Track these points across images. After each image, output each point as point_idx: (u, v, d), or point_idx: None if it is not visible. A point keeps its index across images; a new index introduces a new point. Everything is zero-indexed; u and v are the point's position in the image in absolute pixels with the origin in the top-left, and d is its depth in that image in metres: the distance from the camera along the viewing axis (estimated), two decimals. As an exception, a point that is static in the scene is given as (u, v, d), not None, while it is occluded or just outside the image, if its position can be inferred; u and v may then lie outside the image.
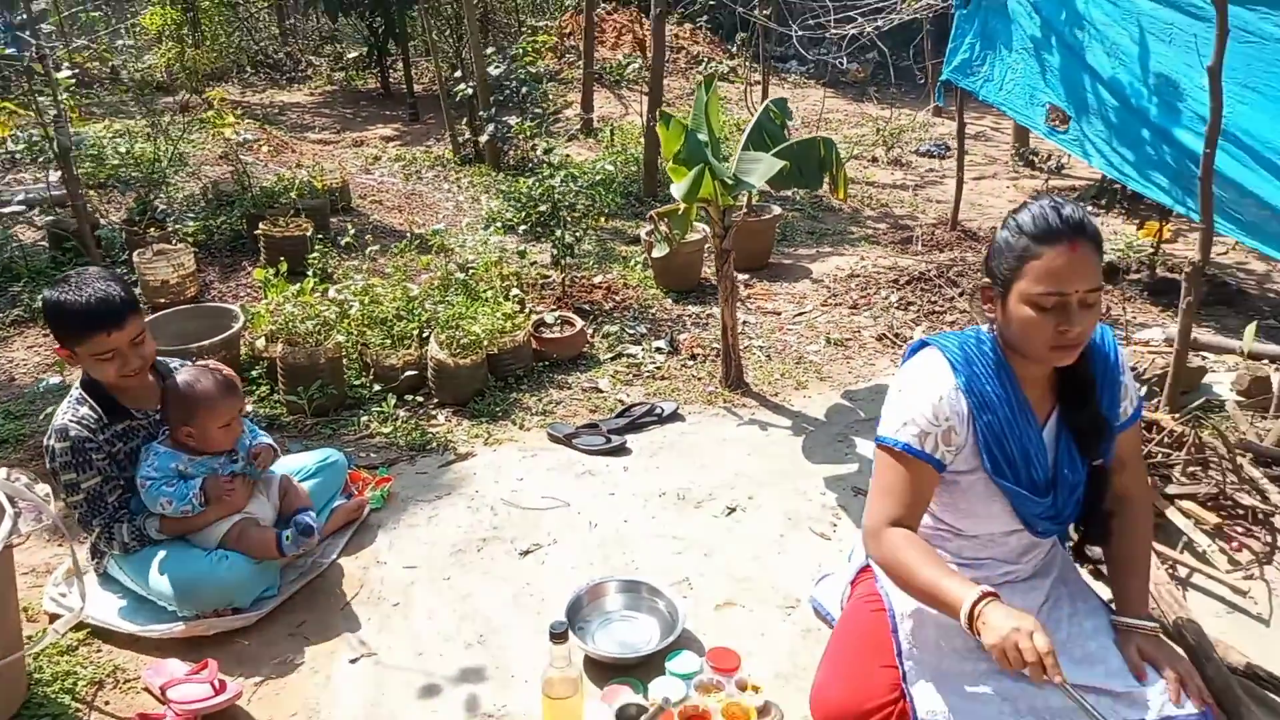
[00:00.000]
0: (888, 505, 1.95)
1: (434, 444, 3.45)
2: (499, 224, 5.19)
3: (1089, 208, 6.15)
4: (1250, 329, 3.37)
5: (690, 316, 4.62)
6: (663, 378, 4.03)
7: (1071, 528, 2.13)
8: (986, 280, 1.93)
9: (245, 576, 2.48)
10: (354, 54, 10.79)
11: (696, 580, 2.70)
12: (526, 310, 4.19)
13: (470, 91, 6.87)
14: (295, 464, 2.86)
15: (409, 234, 5.68)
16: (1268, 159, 3.89)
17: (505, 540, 2.90)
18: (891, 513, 1.94)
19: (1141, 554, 2.07)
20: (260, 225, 5.07)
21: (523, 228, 5.22)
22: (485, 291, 4.11)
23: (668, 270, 4.91)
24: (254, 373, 3.74)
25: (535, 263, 5.10)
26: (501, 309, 3.97)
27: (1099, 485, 2.01)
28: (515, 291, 4.17)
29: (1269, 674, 2.21)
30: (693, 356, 4.20)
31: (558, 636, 2.00)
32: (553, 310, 4.30)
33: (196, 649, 2.41)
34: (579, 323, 4.19)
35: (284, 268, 4.09)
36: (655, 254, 3.83)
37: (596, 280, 4.99)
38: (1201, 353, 3.88)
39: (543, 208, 4.67)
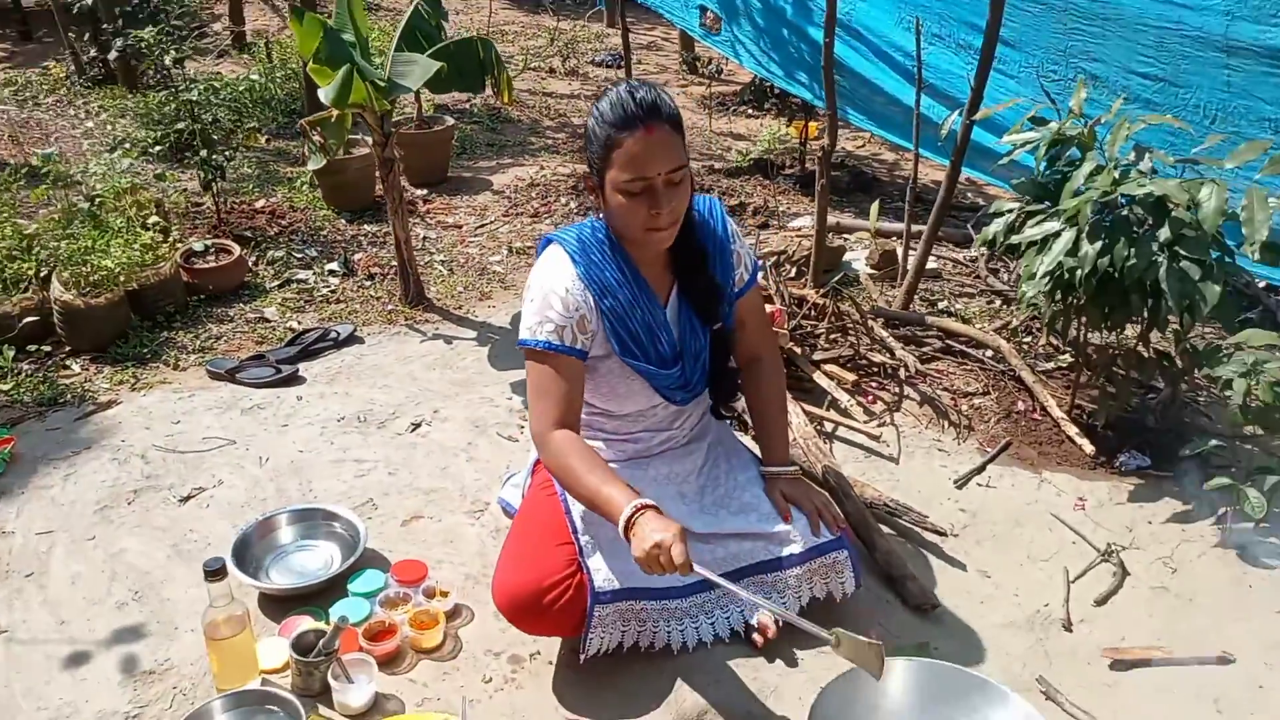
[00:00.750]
0: (547, 408, 1.98)
1: (69, 396, 3.05)
2: (129, 146, 4.60)
3: (745, 107, 6.55)
4: (874, 207, 3.75)
5: (366, 236, 4.40)
6: (338, 301, 3.82)
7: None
8: (588, 171, 1.98)
9: None
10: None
11: (381, 500, 2.62)
12: (171, 240, 3.78)
13: (90, 1, 5.98)
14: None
15: (22, 165, 4.91)
16: (886, 53, 4.31)
17: (162, 489, 2.64)
18: (551, 415, 1.97)
19: (775, 408, 2.26)
20: None
21: (158, 148, 4.68)
22: (117, 222, 3.64)
23: (338, 189, 4.63)
24: None
25: (185, 190, 4.61)
26: (140, 240, 3.55)
27: (722, 350, 2.17)
28: (155, 219, 3.73)
29: (896, 503, 2.52)
30: (370, 276, 4.01)
31: (213, 574, 1.85)
32: (205, 239, 3.91)
33: None
34: (237, 250, 3.85)
35: None
36: (311, 166, 3.58)
37: (258, 205, 4.60)
38: (842, 235, 4.28)
39: (181, 126, 4.19)
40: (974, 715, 1.73)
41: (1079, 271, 2.48)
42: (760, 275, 3.57)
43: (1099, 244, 2.43)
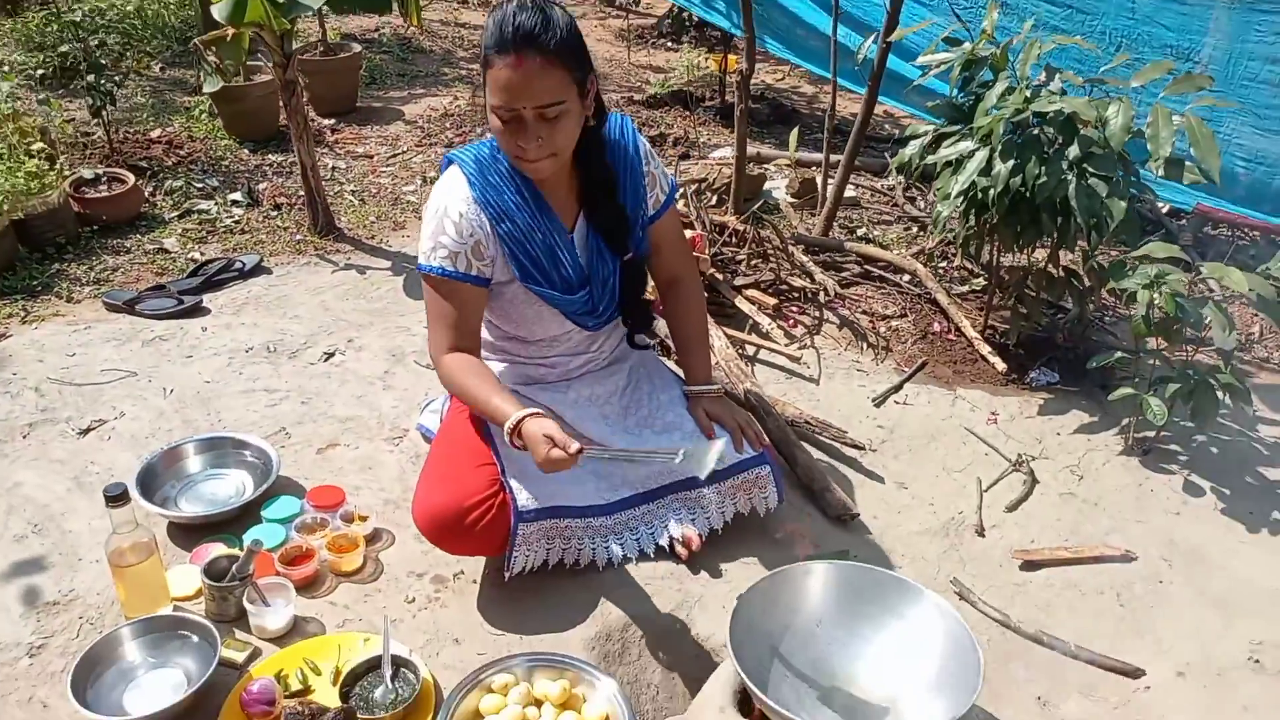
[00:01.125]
0: (441, 334, 1.94)
1: (-49, 331, 2.87)
2: (9, 70, 4.30)
3: (665, 41, 6.45)
4: (793, 135, 3.75)
5: (271, 166, 4.22)
6: (243, 231, 3.66)
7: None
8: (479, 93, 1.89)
9: None
10: None
11: (294, 429, 2.54)
12: (59, 168, 3.55)
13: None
14: None
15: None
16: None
17: (59, 421, 2.51)
18: (445, 341, 1.94)
19: (696, 329, 2.24)
20: None
21: (41, 73, 4.39)
22: (-2, 148, 3.41)
23: (239, 117, 4.42)
24: None
25: (73, 120, 4.34)
26: (24, 167, 3.33)
27: (634, 278, 2.10)
28: (39, 146, 3.51)
29: (817, 420, 2.55)
30: (276, 207, 3.85)
31: (115, 500, 1.76)
32: (97, 167, 3.69)
33: None
34: (131, 179, 3.65)
35: None
36: (207, 89, 3.39)
37: (154, 135, 4.36)
38: (762, 164, 4.27)
39: (65, 49, 3.93)
40: (889, 610, 1.77)
41: (992, 191, 2.52)
42: (681, 203, 3.55)
43: (1011, 163, 2.47)
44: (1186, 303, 2.28)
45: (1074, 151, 2.44)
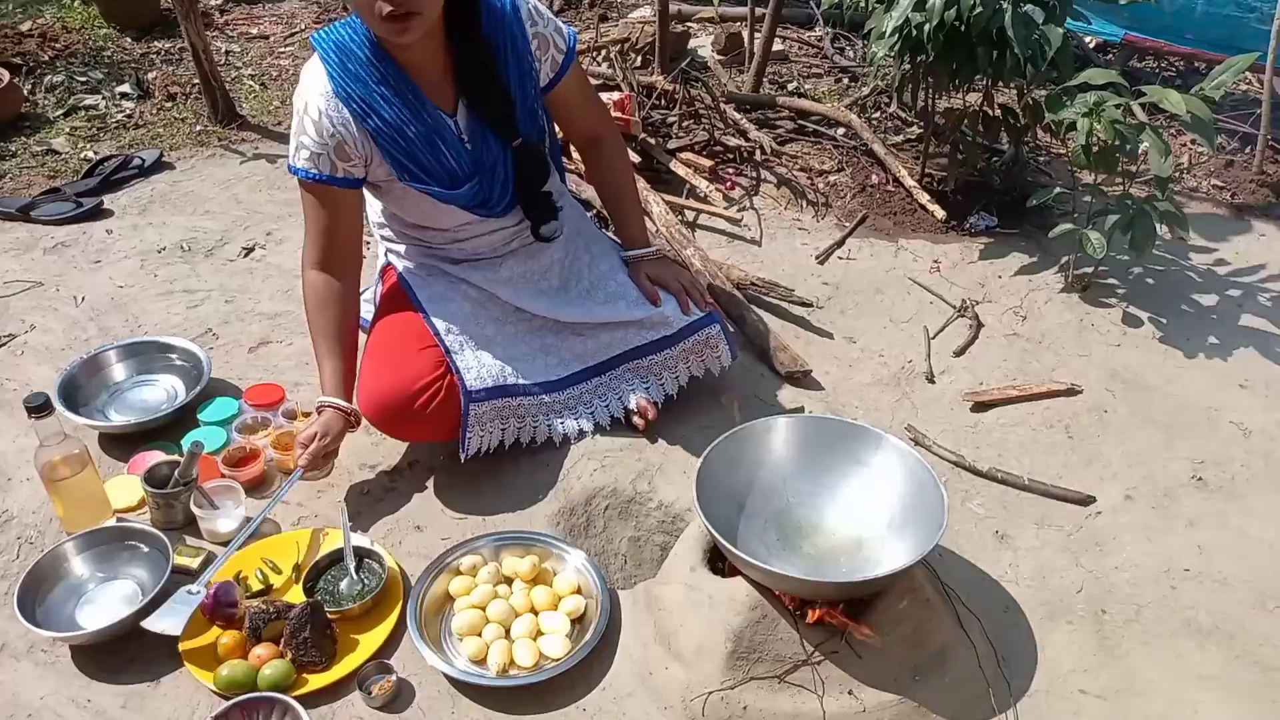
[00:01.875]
0: (310, 243, 1.86)
1: None
2: None
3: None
4: (718, -14, 3.58)
5: (158, 53, 3.91)
6: (137, 126, 3.41)
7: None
8: None
9: None
10: None
11: (221, 329, 2.41)
12: (-79, 66, 3.23)
13: None
14: None
15: None
16: None
17: (-38, 340, 2.35)
18: (311, 253, 1.86)
19: (626, 188, 2.13)
20: None
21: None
22: None
23: (116, 3, 4.06)
24: None
25: (-72, 14, 3.94)
26: (-121, 66, 3.01)
27: (528, 166, 1.90)
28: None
29: (760, 279, 2.52)
30: (170, 97, 3.58)
31: (37, 410, 1.65)
32: (-36, 64, 3.37)
33: None
34: (6, 76, 3.34)
35: None
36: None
37: (24, 28, 3.99)
38: (684, 22, 4.10)
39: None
40: (850, 458, 1.77)
41: (926, 27, 2.44)
42: (606, 64, 3.40)
43: (947, -4, 2.38)
44: (1125, 129, 2.26)
45: (1010, -18, 2.36)
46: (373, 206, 2.06)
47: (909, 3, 2.41)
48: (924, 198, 2.88)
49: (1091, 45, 3.73)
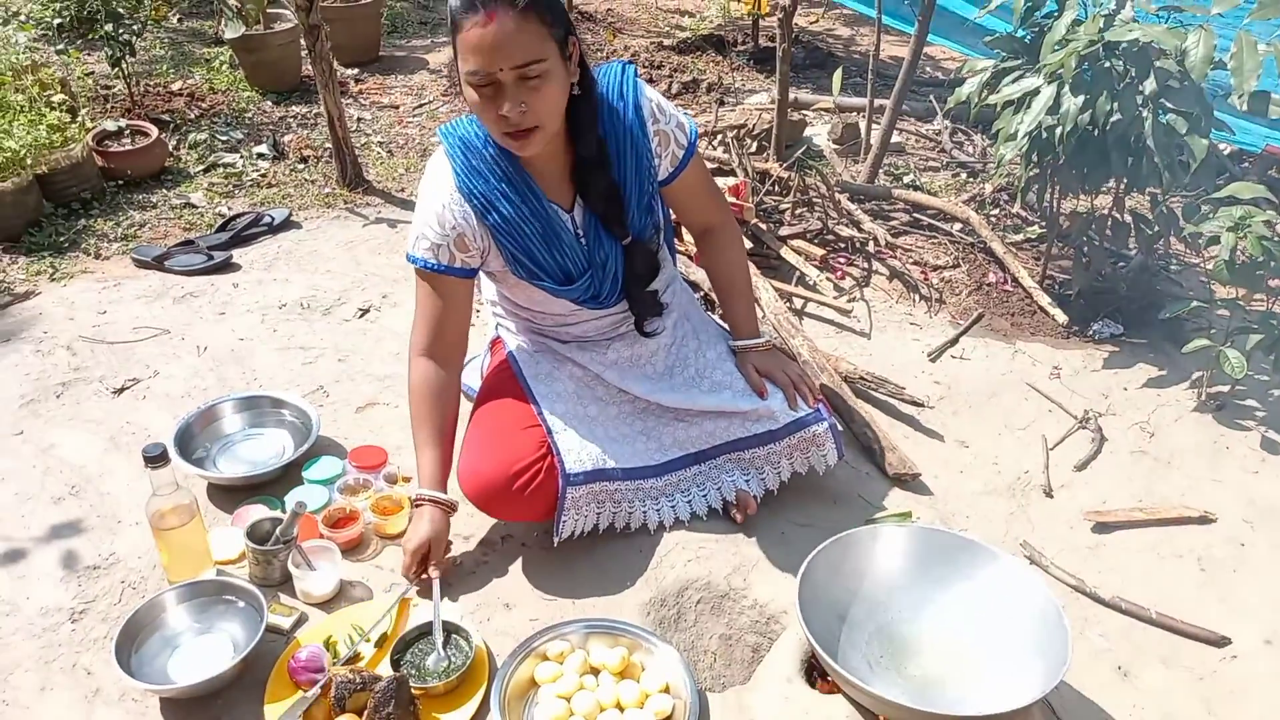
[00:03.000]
0: (420, 330, 1.88)
1: (-20, 288, 2.81)
2: (25, 19, 4.20)
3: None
4: (836, 75, 3.57)
5: (295, 118, 4.11)
6: (270, 185, 3.56)
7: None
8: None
9: None
10: None
11: (332, 387, 2.46)
12: (80, 120, 3.46)
13: None
14: None
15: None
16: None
17: (92, 380, 2.45)
18: (420, 339, 1.88)
19: (739, 278, 2.10)
20: None
21: (58, 21, 4.28)
22: (19, 101, 3.31)
23: (261, 68, 4.29)
24: None
25: (92, 73, 4.24)
26: (45, 120, 3.24)
27: (636, 263, 1.90)
28: (60, 98, 3.41)
29: (870, 374, 2.45)
30: (303, 159, 3.75)
31: (154, 460, 1.69)
32: (119, 120, 3.59)
33: None
34: (155, 132, 3.55)
35: None
36: (229, 35, 3.28)
37: (174, 87, 4.26)
38: (800, 110, 4.12)
39: (82, -4, 3.82)
40: (961, 575, 1.68)
41: (1059, 130, 2.37)
42: (722, 149, 3.42)
43: (1081, 99, 2.32)
44: (1272, 245, 2.14)
45: (1150, 85, 2.29)
46: (485, 280, 2.08)
47: (1042, 106, 2.36)
48: (1044, 299, 2.78)
49: (1226, 152, 3.59)
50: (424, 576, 1.83)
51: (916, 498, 2.14)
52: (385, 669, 1.67)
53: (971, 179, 3.61)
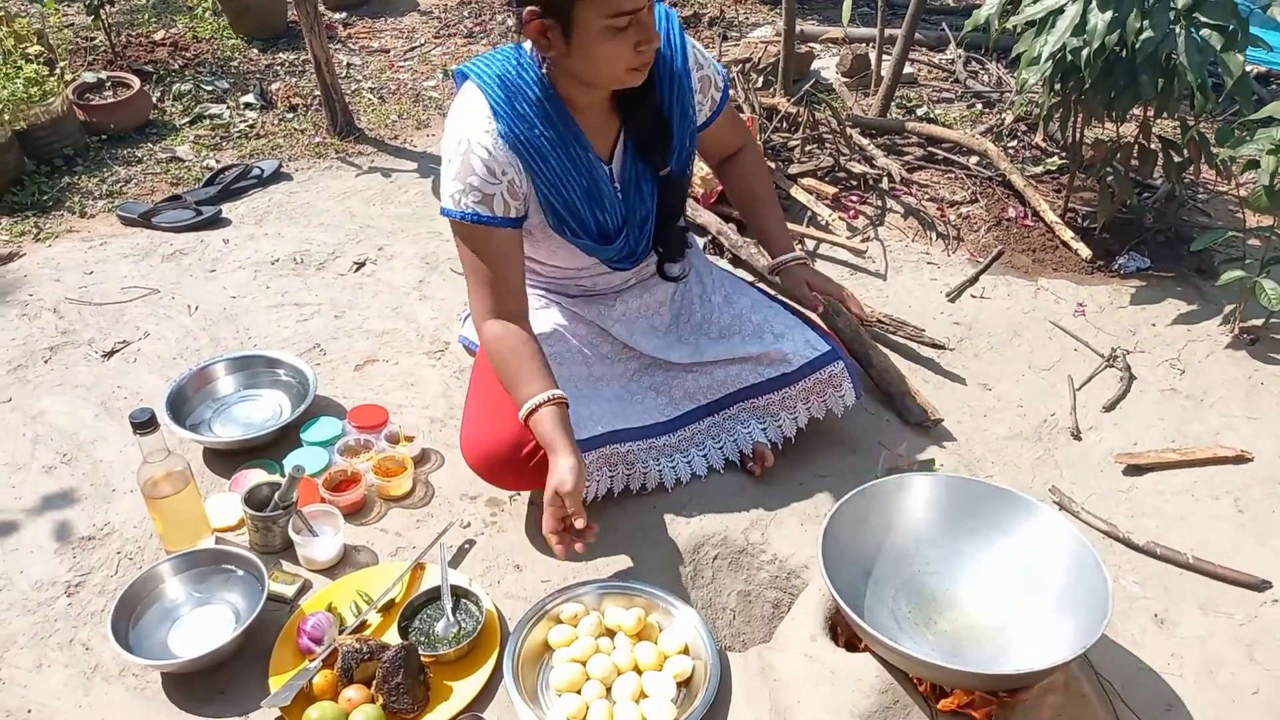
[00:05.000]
0: (481, 294, 1.70)
1: (-39, 250, 2.71)
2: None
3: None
4: (845, 4, 3.41)
5: (282, 65, 3.97)
6: (258, 136, 3.44)
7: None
8: (533, 9, 1.52)
9: None
10: None
11: (329, 345, 2.38)
12: (59, 73, 3.33)
13: None
14: None
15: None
16: None
17: (80, 344, 2.36)
18: (485, 305, 1.70)
19: (767, 194, 2.05)
20: None
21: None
22: (-7, 54, 3.19)
23: (244, 14, 4.15)
24: None
25: (71, 24, 4.09)
26: (22, 73, 3.11)
27: (671, 198, 1.83)
28: (36, 49, 3.27)
29: (887, 316, 2.35)
30: (292, 108, 3.62)
31: (142, 426, 1.61)
32: (100, 72, 3.46)
33: None
34: (137, 84, 3.42)
35: None
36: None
37: (157, 37, 4.11)
38: (807, 43, 3.95)
39: (56, -59, 3.65)
40: (993, 525, 1.60)
41: (1084, 51, 2.24)
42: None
43: (1109, 15, 2.19)
44: (1315, 171, 2.03)
45: (1181, 0, 2.15)
46: None
47: (1067, 25, 2.22)
48: (1067, 234, 2.67)
49: (1252, 74, 3.44)
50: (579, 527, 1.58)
51: (939, 444, 2.06)
52: (392, 636, 1.61)
53: (988, 110, 3.47)
